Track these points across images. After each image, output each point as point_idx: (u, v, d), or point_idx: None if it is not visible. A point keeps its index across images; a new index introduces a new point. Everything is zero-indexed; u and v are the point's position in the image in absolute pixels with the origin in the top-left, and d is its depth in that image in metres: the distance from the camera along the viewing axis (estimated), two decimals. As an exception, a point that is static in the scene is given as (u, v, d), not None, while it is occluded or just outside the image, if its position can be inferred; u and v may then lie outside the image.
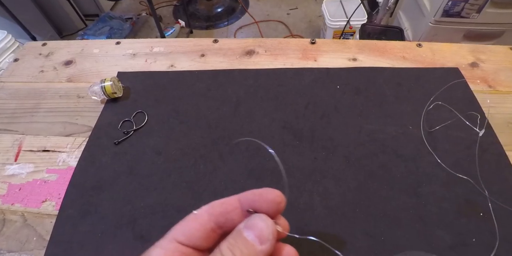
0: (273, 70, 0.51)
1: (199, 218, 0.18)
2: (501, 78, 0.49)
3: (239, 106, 0.46)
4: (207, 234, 0.18)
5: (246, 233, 0.17)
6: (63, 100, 0.49)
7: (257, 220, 0.17)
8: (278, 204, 0.18)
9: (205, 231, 0.18)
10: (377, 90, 0.47)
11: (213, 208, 0.19)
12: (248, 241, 0.16)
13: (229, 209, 0.18)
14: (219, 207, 0.19)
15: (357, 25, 1.40)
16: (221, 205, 0.19)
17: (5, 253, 0.34)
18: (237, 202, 0.19)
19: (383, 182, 0.37)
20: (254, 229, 0.17)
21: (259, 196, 0.18)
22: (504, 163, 0.38)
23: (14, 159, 0.42)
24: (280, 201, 0.18)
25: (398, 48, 0.54)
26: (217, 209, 0.19)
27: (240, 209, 0.18)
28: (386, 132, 0.42)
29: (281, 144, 0.41)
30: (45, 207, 0.38)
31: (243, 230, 0.17)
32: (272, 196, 0.18)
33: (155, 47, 0.57)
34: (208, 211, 0.19)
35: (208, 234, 0.18)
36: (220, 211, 0.18)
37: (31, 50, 0.59)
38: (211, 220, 0.18)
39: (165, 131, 0.44)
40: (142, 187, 0.38)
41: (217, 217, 0.18)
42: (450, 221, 0.34)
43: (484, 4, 1.15)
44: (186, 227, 0.18)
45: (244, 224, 0.17)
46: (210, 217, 0.18)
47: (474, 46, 0.54)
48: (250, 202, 0.18)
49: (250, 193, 0.18)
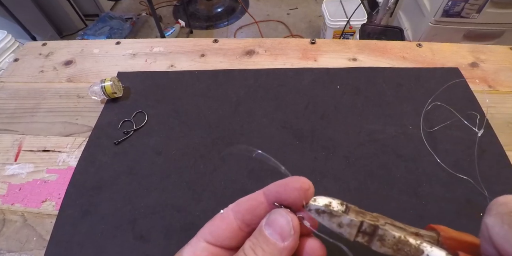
0: (273, 70, 0.51)
1: (225, 217, 0.18)
2: (501, 78, 0.49)
3: (239, 106, 0.46)
4: (234, 233, 0.17)
5: (267, 230, 0.16)
6: (63, 100, 0.49)
7: (277, 215, 0.16)
8: (306, 191, 0.17)
9: (232, 230, 0.17)
10: (377, 90, 0.47)
11: (238, 205, 0.18)
12: (269, 239, 0.16)
13: (255, 204, 0.17)
14: (244, 204, 0.18)
15: (357, 25, 1.40)
16: (246, 202, 0.18)
17: (5, 253, 0.34)
18: (262, 196, 0.17)
19: (383, 182, 0.37)
20: (274, 225, 0.16)
21: (285, 186, 0.17)
22: (504, 163, 0.38)
23: (14, 159, 0.42)
24: (307, 187, 0.17)
25: (398, 48, 0.54)
26: (242, 206, 0.18)
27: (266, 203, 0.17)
28: (386, 132, 0.42)
29: (281, 144, 0.41)
30: (45, 207, 0.38)
31: (264, 228, 0.16)
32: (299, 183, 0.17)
33: (155, 47, 0.57)
34: (233, 209, 0.18)
35: (235, 233, 0.17)
36: (245, 208, 0.18)
37: (31, 50, 0.59)
38: (238, 218, 0.17)
39: (165, 131, 0.44)
40: (142, 187, 0.38)
41: (243, 214, 0.17)
42: (450, 221, 0.34)
43: (484, 4, 1.15)
44: (213, 227, 0.18)
45: (265, 221, 0.17)
46: (236, 215, 0.18)
47: (474, 46, 0.54)
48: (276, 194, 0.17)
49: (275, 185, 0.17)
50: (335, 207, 0.17)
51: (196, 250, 0.17)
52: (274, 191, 0.17)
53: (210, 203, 0.37)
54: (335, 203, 0.17)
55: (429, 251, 0.14)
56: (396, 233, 0.15)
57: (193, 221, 0.35)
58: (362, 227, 0.16)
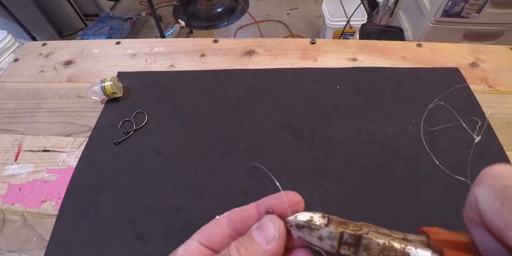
0: (273, 70, 0.51)
1: (219, 223, 0.19)
2: (501, 78, 0.49)
3: (239, 106, 0.46)
4: (225, 239, 0.19)
5: (255, 233, 0.17)
6: (63, 100, 0.49)
7: (266, 220, 0.18)
8: (297, 204, 0.18)
9: (224, 235, 0.19)
10: (377, 90, 0.47)
11: (232, 214, 0.19)
12: (255, 240, 0.17)
13: (246, 216, 0.19)
14: (238, 214, 0.19)
15: (357, 25, 1.40)
16: (240, 212, 0.19)
17: (5, 253, 0.34)
18: (254, 209, 0.19)
19: (383, 182, 0.37)
20: (262, 229, 0.17)
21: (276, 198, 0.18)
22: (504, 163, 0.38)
23: (14, 159, 0.42)
24: (298, 200, 0.18)
25: (398, 48, 0.54)
26: (235, 216, 0.19)
27: (257, 215, 0.19)
28: (386, 132, 0.42)
29: (281, 144, 0.41)
30: (45, 207, 0.38)
31: (253, 231, 0.18)
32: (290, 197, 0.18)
33: (155, 47, 0.57)
34: (227, 217, 0.19)
35: (226, 239, 0.19)
36: (237, 217, 0.19)
37: (31, 50, 0.59)
38: (230, 226, 0.19)
39: (165, 131, 0.44)
40: (142, 187, 0.38)
41: (235, 223, 0.19)
42: (450, 221, 0.34)
43: (484, 4, 1.15)
44: (207, 230, 0.19)
45: (256, 225, 0.18)
46: (229, 223, 0.19)
47: (474, 46, 0.54)
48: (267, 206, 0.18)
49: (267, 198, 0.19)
50: (317, 221, 0.17)
51: (190, 249, 0.18)
52: (266, 203, 0.18)
53: (210, 203, 0.36)
54: (316, 217, 0.17)
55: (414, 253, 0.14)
56: (380, 240, 0.15)
57: (193, 221, 0.35)
58: (343, 238, 0.16)
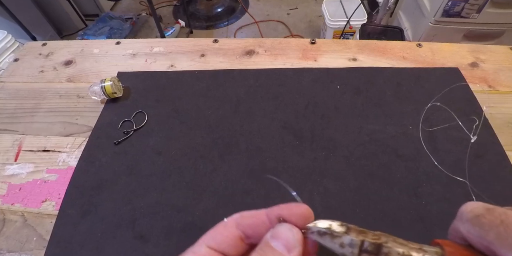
0: (273, 70, 0.51)
1: (228, 226, 0.19)
2: (501, 78, 0.49)
3: (239, 106, 0.46)
4: (236, 242, 0.18)
5: (273, 243, 0.17)
6: (63, 100, 0.49)
7: (282, 229, 0.17)
8: (307, 219, 0.18)
9: (234, 238, 0.18)
10: (377, 90, 0.47)
11: (242, 219, 0.19)
12: (276, 251, 0.17)
13: (257, 222, 0.19)
14: (249, 220, 0.19)
15: (357, 25, 1.40)
16: (251, 218, 0.19)
17: (5, 253, 0.34)
18: (265, 216, 0.19)
19: (383, 182, 0.37)
20: (280, 238, 0.17)
21: (287, 210, 0.18)
22: (504, 163, 0.38)
23: (14, 159, 0.42)
24: (309, 216, 0.18)
25: (398, 48, 0.54)
26: (245, 222, 0.19)
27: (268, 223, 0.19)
28: (386, 132, 0.42)
29: (281, 144, 0.41)
30: (45, 207, 0.38)
31: (270, 240, 0.17)
32: (301, 210, 0.18)
33: (155, 47, 0.57)
34: (237, 220, 0.19)
35: (237, 242, 0.18)
36: (248, 223, 0.19)
37: (31, 50, 0.59)
38: (239, 229, 0.19)
39: (165, 131, 0.44)
40: (142, 187, 0.38)
41: (245, 228, 0.19)
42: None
43: (484, 4, 1.15)
44: (216, 234, 0.19)
45: (271, 234, 0.18)
46: (238, 226, 0.19)
47: (474, 46, 0.54)
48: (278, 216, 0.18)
49: (278, 208, 0.19)
50: (336, 228, 0.17)
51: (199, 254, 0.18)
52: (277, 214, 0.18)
53: (210, 203, 0.36)
54: (335, 225, 0.17)
55: None
56: (399, 249, 0.15)
57: (193, 221, 0.35)
58: (364, 246, 0.16)
